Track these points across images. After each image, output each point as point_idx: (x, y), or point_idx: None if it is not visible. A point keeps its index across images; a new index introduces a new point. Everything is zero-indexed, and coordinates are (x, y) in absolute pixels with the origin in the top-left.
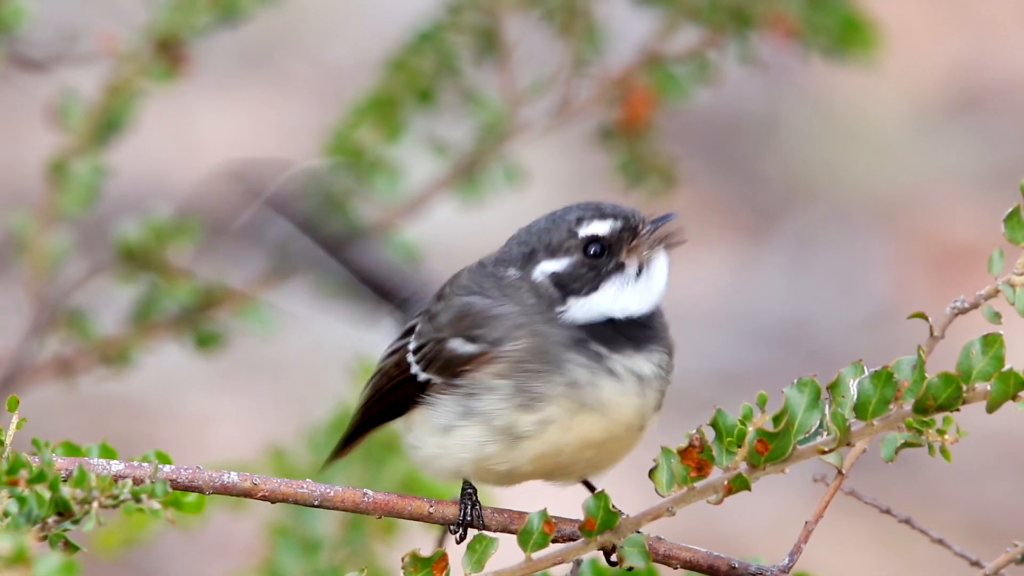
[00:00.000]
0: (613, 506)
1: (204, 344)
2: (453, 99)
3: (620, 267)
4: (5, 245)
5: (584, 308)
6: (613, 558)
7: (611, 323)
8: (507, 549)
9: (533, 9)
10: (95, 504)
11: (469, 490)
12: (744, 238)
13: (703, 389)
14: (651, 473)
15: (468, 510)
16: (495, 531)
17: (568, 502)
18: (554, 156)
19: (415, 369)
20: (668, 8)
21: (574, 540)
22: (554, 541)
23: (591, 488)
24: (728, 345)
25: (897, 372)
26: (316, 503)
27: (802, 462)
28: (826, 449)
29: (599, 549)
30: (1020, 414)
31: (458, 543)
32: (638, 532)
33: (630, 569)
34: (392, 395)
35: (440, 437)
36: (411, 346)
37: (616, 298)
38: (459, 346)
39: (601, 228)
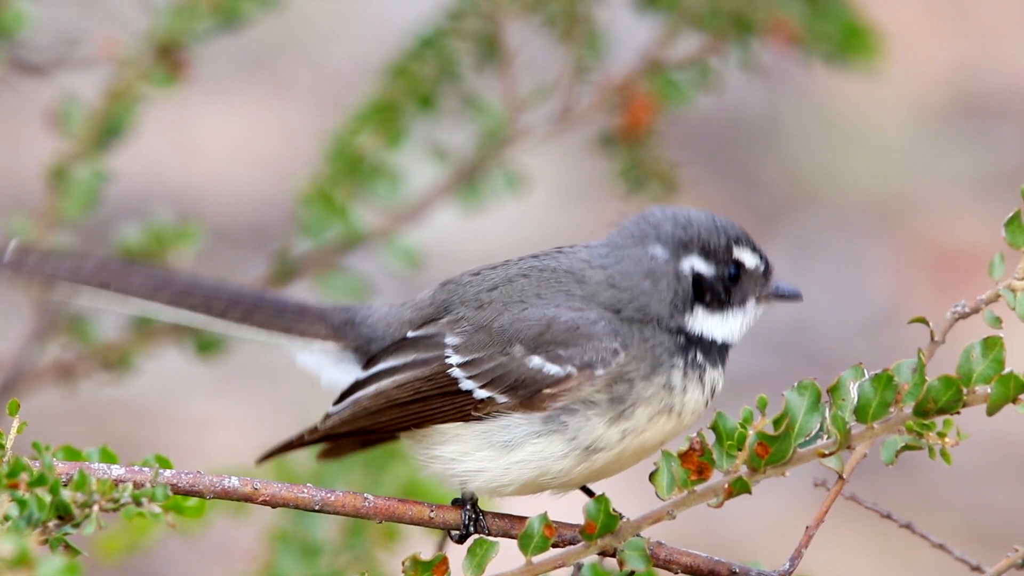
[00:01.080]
0: (614, 509)
1: (204, 349)
2: (454, 105)
3: (743, 302)
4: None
5: (702, 322)
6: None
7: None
8: (507, 553)
9: (534, 15)
10: (96, 508)
11: (471, 498)
12: None
13: None
14: (651, 476)
15: (470, 521)
16: (496, 535)
17: (568, 506)
18: (555, 162)
19: (468, 385)
20: (669, 14)
21: (574, 544)
22: (554, 545)
23: (590, 493)
24: None
25: (897, 375)
26: (317, 508)
27: (802, 466)
28: (826, 452)
29: (600, 553)
30: (1020, 417)
31: (459, 543)
32: (638, 536)
33: (631, 573)
34: (420, 406)
35: (495, 452)
36: (454, 360)
37: (724, 325)
38: (541, 366)
39: (750, 260)
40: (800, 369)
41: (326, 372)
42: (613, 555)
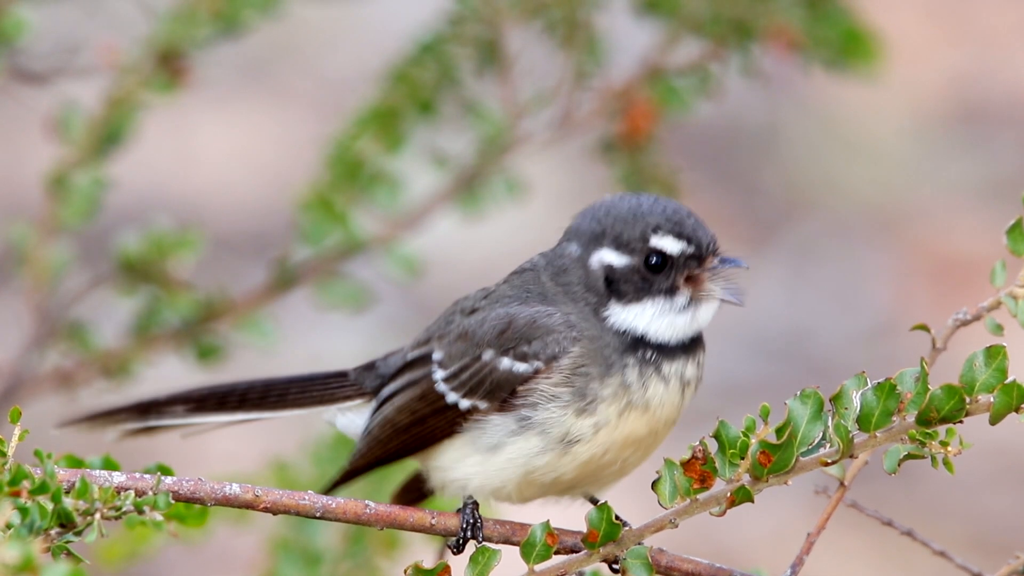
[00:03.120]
0: (616, 517)
1: (205, 356)
2: (454, 111)
3: (672, 291)
4: (6, 257)
5: (620, 317)
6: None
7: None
8: (510, 561)
9: (534, 21)
10: (98, 515)
11: (471, 503)
12: (744, 250)
13: (704, 401)
14: (654, 485)
15: (469, 525)
16: (498, 543)
17: (571, 514)
18: (555, 168)
19: (453, 398)
20: (670, 20)
21: (577, 552)
22: (556, 553)
23: (594, 501)
24: (728, 357)
25: (900, 384)
26: (318, 515)
27: (803, 474)
28: (829, 461)
29: (602, 561)
30: (1020, 426)
31: (456, 554)
32: (640, 544)
33: None
34: (419, 428)
35: (483, 456)
36: (439, 375)
37: (652, 321)
38: (510, 366)
39: (672, 246)
40: (800, 377)
41: (356, 425)
42: (615, 563)
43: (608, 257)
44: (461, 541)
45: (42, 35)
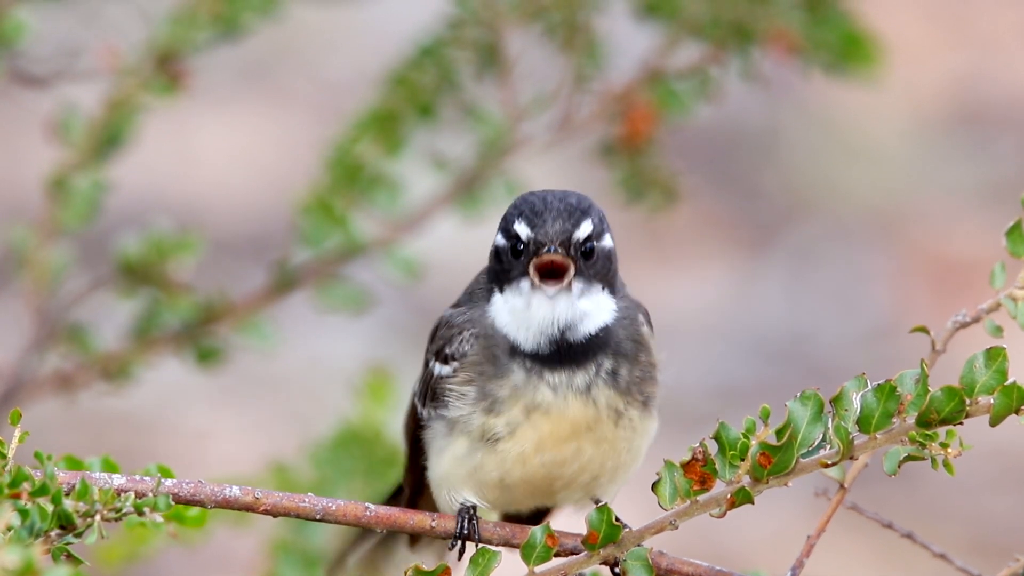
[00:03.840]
0: (616, 519)
1: (205, 359)
2: (454, 114)
3: (517, 279)
4: (6, 260)
5: (493, 309)
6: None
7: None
8: (510, 563)
9: (534, 24)
10: (98, 517)
11: (467, 504)
12: (744, 252)
13: (703, 403)
14: (654, 486)
15: (465, 523)
16: (498, 545)
17: (571, 516)
18: (555, 171)
19: (420, 410)
20: (670, 23)
21: (577, 554)
22: (557, 555)
23: (596, 502)
24: (728, 359)
25: (900, 385)
26: (318, 517)
27: (803, 476)
28: (829, 462)
29: (602, 563)
30: (1021, 428)
31: (459, 559)
32: (641, 546)
33: None
34: (413, 447)
35: (436, 459)
36: (414, 388)
37: (508, 315)
38: (438, 369)
39: (523, 232)
40: (800, 379)
41: None
42: (615, 565)
43: (497, 240)
44: (451, 545)
45: (42, 38)
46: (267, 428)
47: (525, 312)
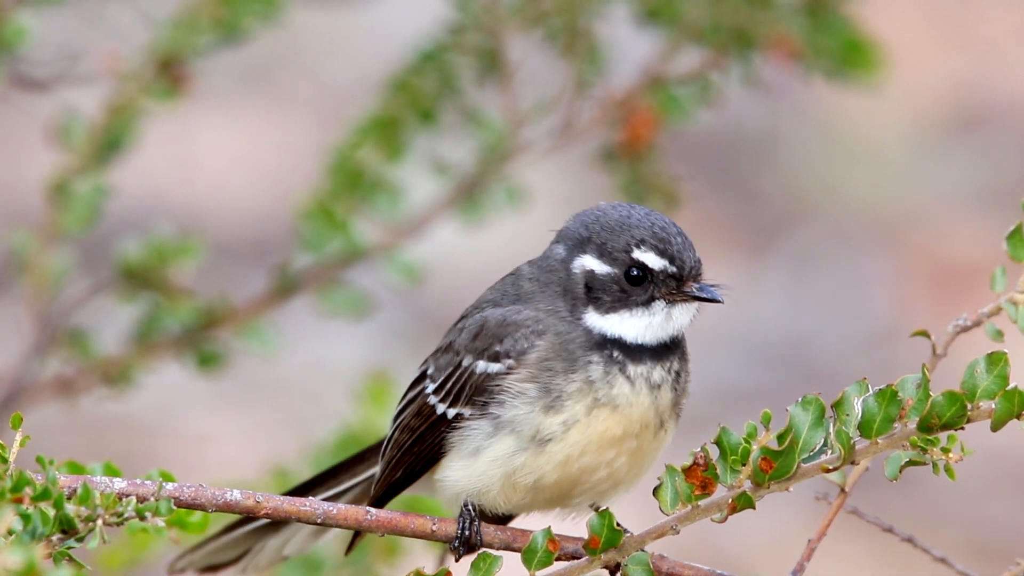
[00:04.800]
0: (617, 524)
1: (205, 363)
2: (455, 119)
3: (648, 303)
4: (6, 264)
5: (592, 320)
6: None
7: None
8: (511, 567)
9: (535, 30)
10: (99, 522)
11: (469, 507)
12: (744, 256)
13: (703, 407)
14: (655, 491)
15: (466, 527)
16: (499, 549)
17: (572, 520)
18: (556, 177)
19: (441, 409)
20: (670, 29)
21: (578, 558)
22: (558, 559)
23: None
24: (728, 363)
25: (901, 390)
26: (319, 521)
27: (804, 480)
28: (830, 467)
29: (603, 567)
30: (1021, 432)
31: (456, 560)
32: (642, 550)
33: None
34: (419, 446)
35: (467, 461)
36: (429, 389)
37: (622, 324)
38: (485, 368)
39: (654, 262)
40: (801, 384)
41: None
42: (617, 569)
43: (590, 263)
44: (451, 549)
45: (43, 42)
46: (268, 432)
47: (665, 324)
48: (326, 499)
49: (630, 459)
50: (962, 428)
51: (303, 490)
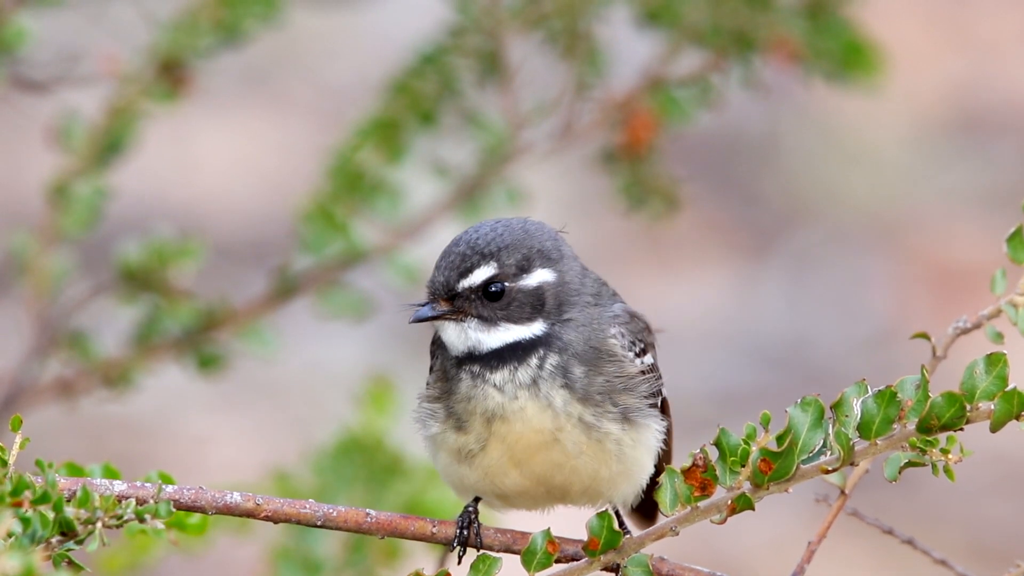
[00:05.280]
0: (620, 525)
1: (206, 365)
2: (455, 121)
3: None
4: (6, 266)
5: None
6: None
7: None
8: (511, 569)
9: (536, 32)
10: (99, 524)
11: (470, 508)
12: (744, 258)
13: (703, 409)
14: (655, 492)
15: (465, 528)
16: (498, 551)
17: (572, 522)
18: (556, 179)
19: None
20: (671, 31)
21: (578, 560)
22: (558, 561)
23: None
24: (728, 365)
25: (901, 391)
26: (319, 523)
27: (803, 482)
28: (830, 468)
29: (603, 569)
30: (1020, 434)
31: (459, 563)
32: (641, 552)
33: None
34: None
35: (435, 464)
36: None
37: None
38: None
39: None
40: (800, 385)
41: None
42: (616, 571)
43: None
44: (450, 549)
45: (43, 44)
46: (268, 434)
47: (459, 336)
48: None
49: (580, 461)
50: (961, 429)
51: None
